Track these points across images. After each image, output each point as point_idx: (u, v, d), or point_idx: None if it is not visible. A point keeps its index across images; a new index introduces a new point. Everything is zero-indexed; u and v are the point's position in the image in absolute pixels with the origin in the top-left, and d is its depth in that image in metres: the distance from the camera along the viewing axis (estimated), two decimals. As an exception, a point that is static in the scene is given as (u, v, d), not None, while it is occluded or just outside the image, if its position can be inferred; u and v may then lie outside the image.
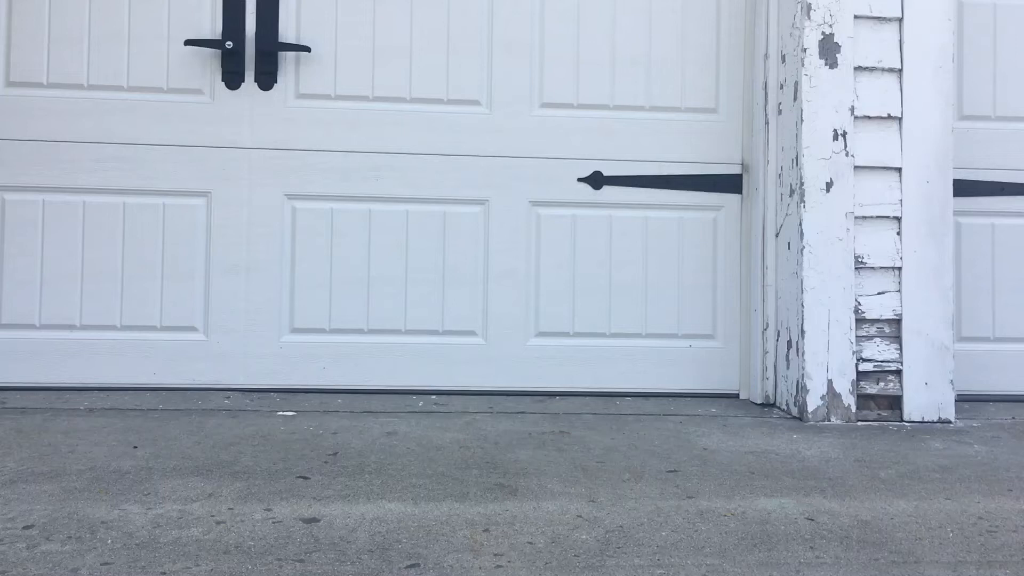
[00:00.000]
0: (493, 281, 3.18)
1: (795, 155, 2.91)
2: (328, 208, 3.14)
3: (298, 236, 3.13)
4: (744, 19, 3.24)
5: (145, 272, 3.08)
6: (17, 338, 3.03)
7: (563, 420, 2.76)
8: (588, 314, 3.21)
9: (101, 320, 3.06)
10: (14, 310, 3.03)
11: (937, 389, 2.84)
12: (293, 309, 3.12)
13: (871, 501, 1.97)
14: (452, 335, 3.17)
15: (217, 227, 3.10)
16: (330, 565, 1.55)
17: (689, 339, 3.24)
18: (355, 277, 3.14)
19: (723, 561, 1.61)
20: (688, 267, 3.24)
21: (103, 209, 3.07)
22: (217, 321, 3.09)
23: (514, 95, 3.20)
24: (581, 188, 3.21)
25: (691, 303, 3.24)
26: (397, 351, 3.15)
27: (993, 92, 3.28)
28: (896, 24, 2.89)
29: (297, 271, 3.13)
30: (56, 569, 1.50)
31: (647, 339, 3.23)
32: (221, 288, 3.09)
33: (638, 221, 3.23)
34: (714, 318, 3.25)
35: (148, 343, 3.07)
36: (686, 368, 3.23)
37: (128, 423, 2.56)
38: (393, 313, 3.16)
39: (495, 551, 1.63)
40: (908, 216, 2.87)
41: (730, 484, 2.08)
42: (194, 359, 3.08)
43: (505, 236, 3.19)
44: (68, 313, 3.05)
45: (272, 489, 1.95)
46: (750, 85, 3.23)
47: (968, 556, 1.66)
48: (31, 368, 3.02)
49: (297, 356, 3.11)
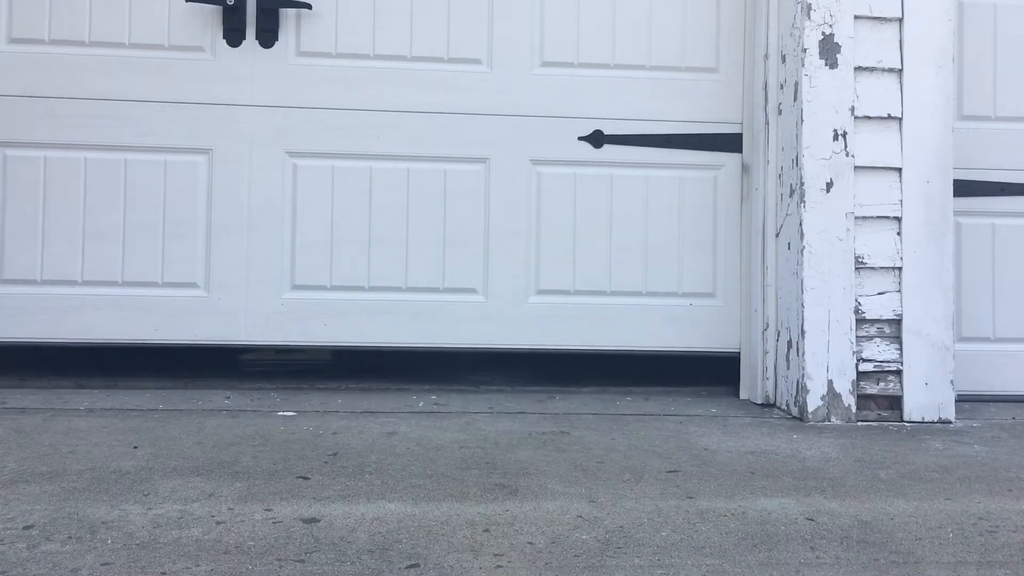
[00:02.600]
0: (494, 239, 3.19)
1: (795, 155, 2.91)
2: (329, 166, 3.15)
3: (299, 193, 3.15)
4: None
5: (146, 229, 3.09)
6: (18, 293, 3.05)
7: (563, 420, 2.75)
8: (588, 272, 3.22)
9: (103, 276, 3.07)
10: (15, 266, 3.05)
11: (937, 389, 2.84)
12: (294, 266, 3.14)
13: (871, 501, 1.97)
14: (452, 293, 3.18)
15: (218, 184, 3.11)
16: (330, 565, 1.55)
17: (689, 298, 3.24)
18: (356, 235, 3.16)
19: (723, 561, 1.61)
20: (688, 226, 3.25)
21: (104, 165, 3.08)
22: (218, 278, 3.11)
23: (515, 54, 3.21)
24: (582, 147, 3.22)
25: (691, 262, 3.25)
26: (397, 308, 3.16)
27: (993, 92, 3.28)
28: (896, 24, 2.89)
29: (298, 229, 3.14)
30: (56, 569, 1.50)
31: (647, 297, 3.24)
32: (222, 245, 3.11)
33: (639, 180, 3.24)
34: (714, 277, 3.25)
35: (149, 299, 3.09)
36: (686, 327, 3.24)
37: (128, 423, 2.55)
38: (394, 271, 3.17)
39: (495, 551, 1.63)
40: (908, 216, 2.87)
41: (730, 484, 2.08)
42: (195, 315, 3.10)
43: (506, 194, 3.20)
44: (70, 269, 3.06)
45: (272, 489, 1.95)
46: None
47: (968, 556, 1.66)
48: (32, 324, 3.04)
49: (298, 313, 3.13)
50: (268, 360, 3.82)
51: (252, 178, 3.12)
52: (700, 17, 3.25)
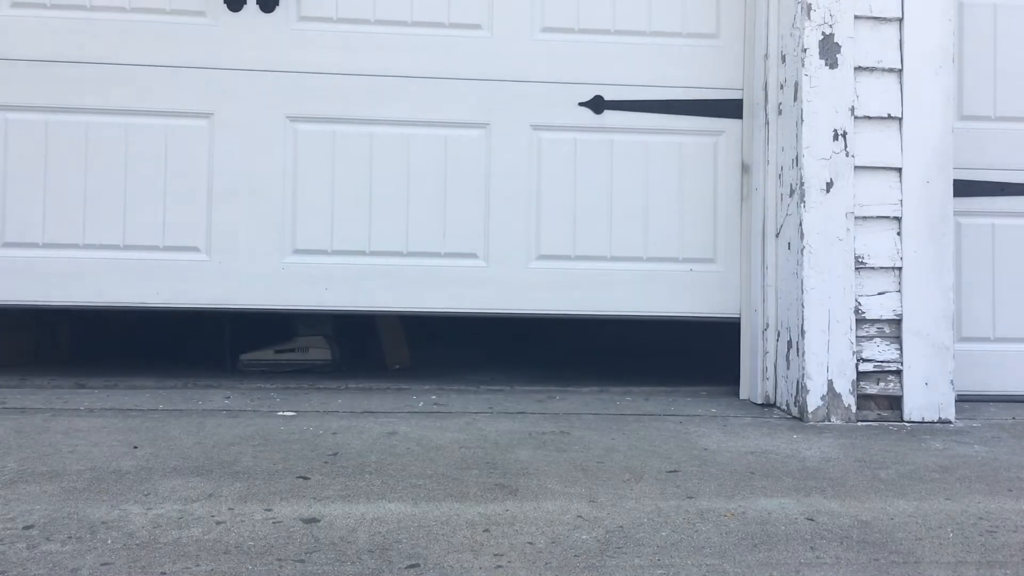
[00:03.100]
0: (494, 204, 3.20)
1: (795, 155, 2.91)
2: (330, 130, 3.16)
3: (300, 158, 3.16)
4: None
5: (148, 193, 3.11)
6: (20, 256, 3.06)
7: (563, 420, 2.75)
8: (589, 237, 3.23)
9: (104, 240, 3.09)
10: (17, 229, 3.07)
11: (937, 389, 2.84)
12: (295, 231, 3.15)
13: (871, 501, 1.97)
14: (453, 257, 3.20)
15: (219, 149, 3.13)
16: (330, 565, 1.55)
17: (690, 263, 3.25)
18: (357, 200, 3.17)
19: (723, 561, 1.61)
20: (688, 191, 3.25)
21: (105, 130, 3.10)
22: (219, 242, 3.12)
23: (515, 19, 3.21)
24: (582, 112, 3.22)
25: (692, 227, 3.25)
26: (398, 273, 3.17)
27: (993, 92, 3.28)
28: (896, 24, 2.89)
29: (299, 193, 3.16)
30: (56, 569, 1.50)
31: (647, 263, 3.24)
32: (223, 209, 3.12)
33: (639, 146, 3.25)
34: (715, 242, 3.26)
35: (151, 263, 3.10)
36: (686, 292, 3.25)
37: (128, 423, 2.55)
38: (394, 235, 3.18)
39: (495, 551, 1.63)
40: (908, 216, 2.87)
41: (730, 484, 2.07)
42: (197, 279, 3.11)
43: (506, 160, 3.21)
44: (71, 232, 3.08)
45: (272, 489, 1.95)
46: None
47: (968, 556, 1.66)
48: (34, 286, 3.05)
49: (299, 277, 3.14)
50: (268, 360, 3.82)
51: (253, 143, 3.14)
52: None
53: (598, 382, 3.60)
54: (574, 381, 3.64)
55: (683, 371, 4.09)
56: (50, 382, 3.20)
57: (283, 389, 3.22)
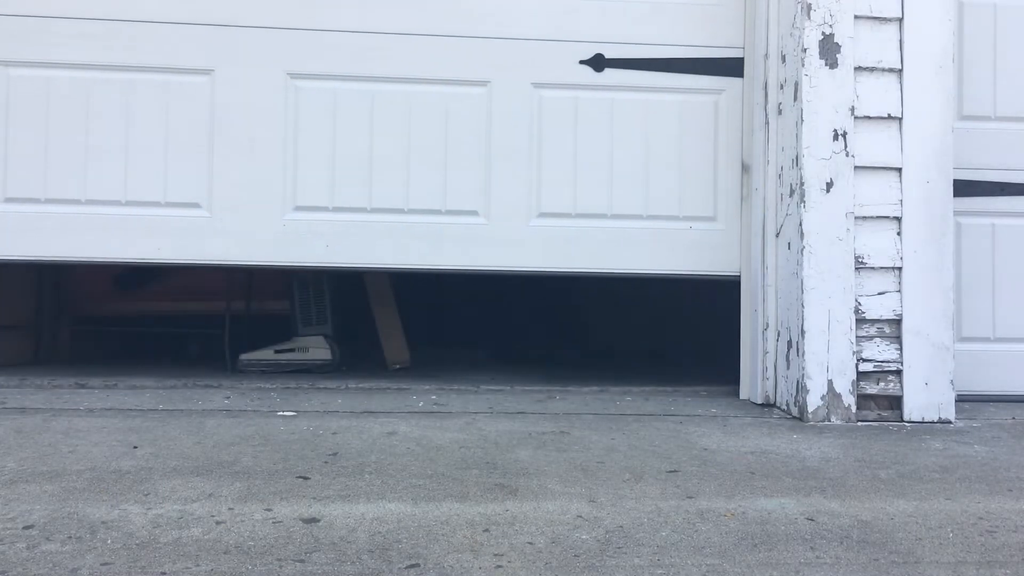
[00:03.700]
0: (495, 162, 3.21)
1: (795, 155, 2.91)
2: (331, 88, 3.18)
3: (301, 116, 3.17)
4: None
5: (149, 149, 3.12)
6: (22, 212, 3.08)
7: (563, 420, 2.75)
8: (589, 195, 3.24)
9: (106, 196, 3.11)
10: (19, 184, 3.08)
11: (937, 389, 2.84)
12: (296, 188, 3.17)
13: (871, 501, 1.97)
14: (454, 215, 3.21)
15: (221, 105, 3.14)
16: (330, 565, 1.55)
17: (690, 221, 3.25)
18: (358, 157, 3.18)
19: (723, 561, 1.61)
20: (689, 150, 3.26)
21: (107, 86, 3.11)
22: (221, 198, 3.13)
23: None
24: (583, 70, 3.23)
25: (692, 186, 3.26)
26: (399, 230, 3.18)
27: (993, 92, 3.28)
28: (896, 24, 2.89)
29: (300, 150, 3.17)
30: (56, 569, 1.50)
31: (648, 220, 3.25)
32: (225, 166, 3.14)
33: (639, 104, 3.25)
34: (715, 201, 3.27)
35: (153, 219, 3.12)
36: (686, 250, 3.26)
37: (128, 423, 2.55)
38: (395, 193, 3.19)
39: (495, 551, 1.63)
40: (908, 216, 2.87)
41: (730, 484, 2.07)
42: (198, 235, 3.13)
43: (507, 118, 3.21)
44: (73, 188, 3.10)
45: (272, 489, 1.94)
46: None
47: (968, 556, 1.66)
48: (36, 241, 3.07)
49: (300, 233, 3.16)
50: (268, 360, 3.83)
51: (254, 99, 3.15)
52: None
53: (598, 382, 3.60)
54: (574, 381, 3.65)
55: (683, 371, 4.09)
56: (50, 382, 3.20)
57: (283, 389, 3.22)
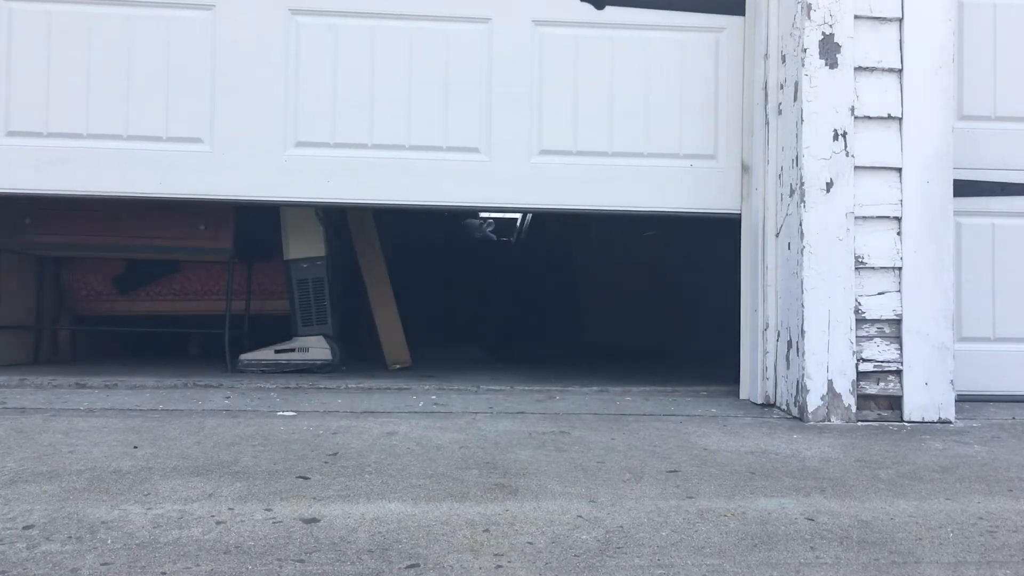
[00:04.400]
0: (496, 99, 3.22)
1: (795, 155, 2.91)
2: (332, 24, 3.19)
3: (302, 51, 3.18)
4: None
5: (150, 84, 3.14)
6: (25, 145, 3.09)
7: (563, 420, 2.75)
8: (590, 134, 3.24)
9: (107, 130, 3.12)
10: (21, 118, 3.10)
11: (937, 389, 2.84)
12: (298, 124, 3.18)
13: (871, 501, 1.97)
14: (455, 152, 3.21)
15: (222, 41, 3.15)
16: (330, 565, 1.55)
17: (690, 159, 3.26)
18: (359, 93, 3.19)
19: (723, 561, 1.61)
20: (690, 88, 3.26)
21: (108, 21, 3.12)
22: (222, 134, 3.14)
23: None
24: (584, 8, 3.24)
25: (692, 124, 3.26)
26: (400, 166, 3.19)
27: (993, 92, 3.28)
28: (896, 24, 2.89)
29: (301, 86, 3.18)
30: (56, 569, 1.50)
31: (648, 159, 3.25)
32: (226, 102, 3.15)
33: (640, 41, 3.26)
34: (716, 139, 3.27)
35: (154, 153, 3.13)
36: (687, 188, 3.26)
37: (128, 423, 2.55)
38: (396, 129, 3.20)
39: (495, 551, 1.63)
40: (908, 216, 2.87)
41: (730, 484, 2.07)
42: (199, 170, 3.14)
43: (508, 54, 3.22)
44: (75, 123, 3.11)
45: (272, 489, 1.94)
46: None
47: (968, 556, 1.66)
48: (37, 175, 3.08)
49: (301, 169, 3.17)
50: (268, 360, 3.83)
51: (255, 35, 3.16)
52: None
53: (598, 382, 3.60)
54: (574, 381, 3.65)
55: (683, 371, 4.09)
56: (50, 382, 3.20)
57: (283, 389, 3.22)
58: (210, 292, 4.43)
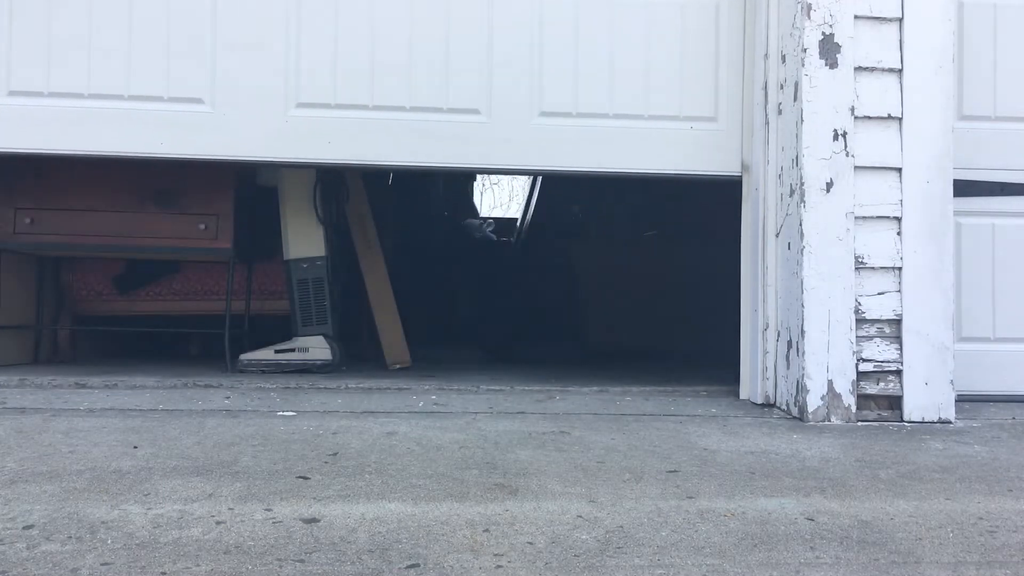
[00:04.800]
0: (497, 61, 3.22)
1: (795, 155, 2.91)
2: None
3: (304, 11, 3.18)
4: None
5: (152, 44, 3.14)
6: (25, 104, 3.10)
7: (563, 420, 2.75)
8: (590, 95, 3.24)
9: (108, 90, 3.12)
10: (23, 77, 3.10)
11: (937, 389, 2.84)
12: (299, 84, 3.18)
13: (871, 501, 1.97)
14: (456, 113, 3.22)
15: (222, 1, 3.14)
16: (330, 565, 1.55)
17: (691, 121, 3.26)
18: (359, 54, 3.19)
19: (723, 561, 1.61)
20: (690, 49, 3.26)
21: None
22: (223, 95, 3.15)
23: None
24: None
25: (693, 85, 3.26)
26: (401, 127, 3.19)
27: (993, 92, 3.28)
28: (896, 24, 2.89)
29: (303, 47, 3.18)
30: (56, 569, 1.50)
31: (648, 120, 3.25)
32: (227, 63, 3.15)
33: (641, 3, 3.25)
34: (716, 101, 3.27)
35: (155, 113, 3.13)
36: (687, 150, 3.25)
37: (128, 423, 2.55)
38: (397, 90, 3.20)
39: (495, 551, 1.63)
40: (908, 216, 2.87)
41: (730, 484, 2.07)
42: (201, 130, 3.14)
43: (509, 15, 3.22)
44: (76, 82, 3.11)
45: (272, 489, 1.94)
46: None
47: (968, 556, 1.66)
48: (38, 134, 3.08)
49: (302, 130, 3.17)
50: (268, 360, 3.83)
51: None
52: None
53: (598, 382, 3.60)
54: (574, 381, 3.65)
55: (683, 371, 4.09)
56: (50, 382, 3.20)
57: (283, 389, 3.22)
58: (210, 292, 4.43)
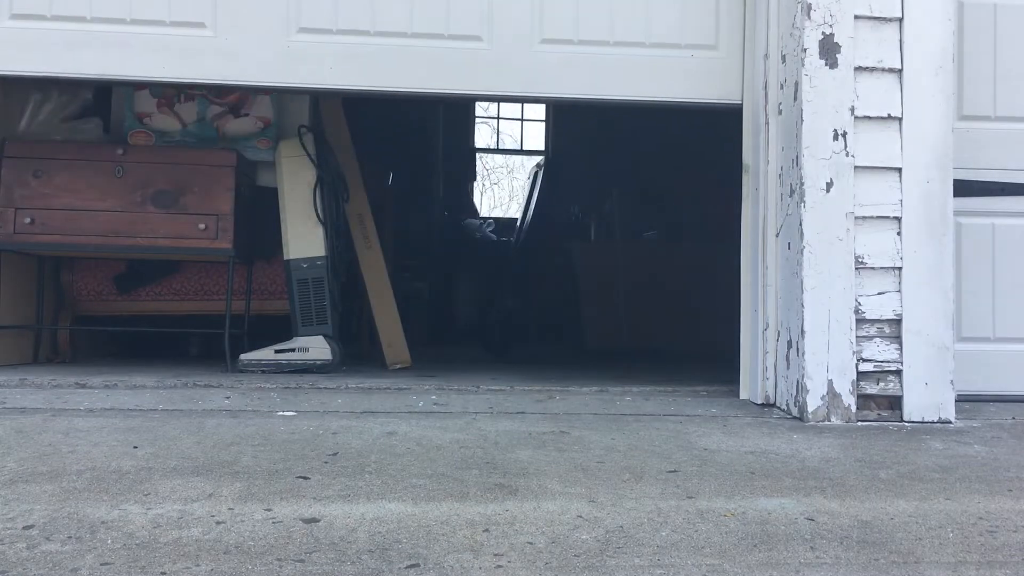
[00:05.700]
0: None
1: (795, 155, 2.91)
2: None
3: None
4: None
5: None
6: (28, 28, 3.09)
7: (563, 420, 2.75)
8: (592, 22, 3.23)
9: (111, 13, 3.12)
10: (25, 1, 3.08)
11: (937, 389, 2.84)
12: (301, 9, 3.18)
13: (871, 501, 1.97)
14: (457, 40, 3.20)
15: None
16: (330, 565, 1.55)
17: (691, 49, 3.25)
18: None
19: (723, 561, 1.61)
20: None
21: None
22: (225, 19, 3.15)
23: None
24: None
25: (694, 13, 3.25)
26: (402, 54, 3.19)
27: (993, 92, 3.28)
28: (896, 24, 2.89)
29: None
30: (56, 569, 1.50)
31: (649, 48, 3.25)
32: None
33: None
34: (717, 29, 3.26)
35: (158, 37, 3.13)
36: (689, 78, 3.25)
37: (128, 423, 2.55)
38: (399, 16, 3.19)
39: (495, 551, 1.63)
40: (908, 216, 2.87)
41: (730, 484, 2.07)
42: (203, 55, 3.14)
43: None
44: (78, 6, 3.11)
45: (272, 489, 1.94)
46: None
47: (968, 556, 1.66)
48: (41, 58, 3.08)
49: (304, 55, 3.17)
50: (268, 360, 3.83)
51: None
52: None
53: (598, 382, 3.60)
54: (574, 381, 3.65)
55: (683, 371, 4.09)
56: (50, 382, 3.20)
57: (283, 389, 3.22)
58: (210, 292, 4.43)
